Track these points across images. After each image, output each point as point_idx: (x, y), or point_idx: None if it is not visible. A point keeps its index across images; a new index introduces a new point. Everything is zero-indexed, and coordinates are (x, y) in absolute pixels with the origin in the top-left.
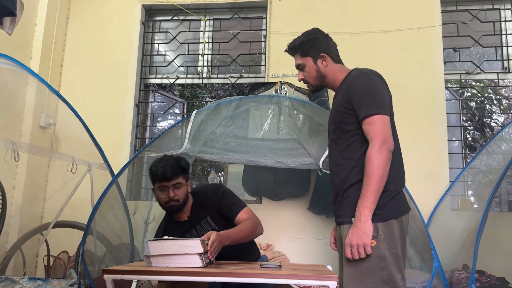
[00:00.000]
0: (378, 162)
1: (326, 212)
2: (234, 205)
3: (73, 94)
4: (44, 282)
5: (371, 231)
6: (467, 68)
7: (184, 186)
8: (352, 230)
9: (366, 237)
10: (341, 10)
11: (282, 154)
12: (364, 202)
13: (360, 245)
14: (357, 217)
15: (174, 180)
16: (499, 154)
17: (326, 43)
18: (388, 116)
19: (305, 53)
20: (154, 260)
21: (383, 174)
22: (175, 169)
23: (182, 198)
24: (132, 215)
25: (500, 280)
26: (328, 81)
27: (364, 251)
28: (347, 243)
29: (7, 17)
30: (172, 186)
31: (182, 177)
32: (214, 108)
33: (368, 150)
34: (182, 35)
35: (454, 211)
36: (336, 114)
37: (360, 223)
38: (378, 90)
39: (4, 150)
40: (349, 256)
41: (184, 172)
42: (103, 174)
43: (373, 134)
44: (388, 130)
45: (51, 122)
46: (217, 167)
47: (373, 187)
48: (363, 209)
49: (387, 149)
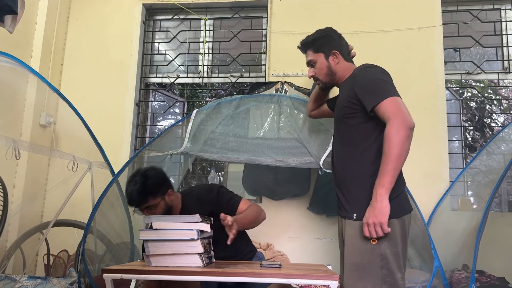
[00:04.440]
0: (395, 140)
1: (326, 212)
2: (232, 199)
3: (73, 93)
4: (44, 281)
5: (388, 209)
6: (468, 68)
7: (159, 204)
8: (369, 209)
9: (382, 216)
10: (341, 9)
11: (282, 153)
12: (381, 181)
13: (376, 223)
14: (373, 196)
15: (145, 204)
16: (499, 154)
17: (338, 41)
18: (400, 98)
19: (317, 50)
20: (154, 260)
21: (401, 152)
22: (142, 194)
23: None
24: (132, 214)
25: (500, 280)
26: (338, 78)
27: (381, 230)
28: (364, 222)
29: (8, 15)
30: (146, 209)
31: (152, 198)
32: (215, 107)
33: (386, 129)
34: (182, 34)
35: (454, 211)
36: (340, 108)
37: (376, 202)
38: (385, 79)
39: (5, 148)
40: (367, 234)
41: (154, 192)
42: (103, 173)
43: (389, 113)
44: (404, 108)
45: (51, 121)
46: (217, 166)
47: (389, 165)
48: (380, 188)
49: (406, 126)
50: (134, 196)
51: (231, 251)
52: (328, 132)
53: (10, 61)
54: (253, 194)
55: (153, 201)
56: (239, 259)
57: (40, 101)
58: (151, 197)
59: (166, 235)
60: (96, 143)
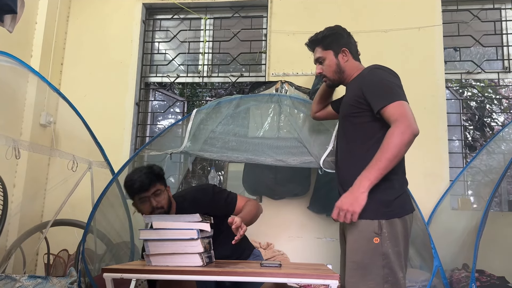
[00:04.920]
0: (396, 141)
1: (326, 211)
2: (229, 197)
3: (73, 92)
4: (44, 280)
5: (364, 202)
6: (468, 67)
7: (164, 191)
8: (347, 194)
9: (358, 206)
10: (341, 9)
11: (282, 152)
12: (369, 174)
13: (349, 211)
14: (355, 184)
15: (153, 188)
16: (499, 154)
17: (348, 39)
18: (407, 103)
19: (327, 47)
20: (154, 259)
21: (398, 154)
22: (151, 177)
23: (165, 204)
24: (133, 213)
25: (500, 280)
26: (346, 77)
27: (350, 218)
28: (337, 205)
29: (8, 15)
30: (153, 195)
31: (159, 183)
32: (215, 107)
33: (391, 129)
34: (182, 33)
35: (454, 211)
36: (346, 106)
37: (357, 192)
38: (394, 81)
39: (5, 148)
40: (335, 217)
41: (160, 178)
42: (103, 172)
43: (396, 116)
44: (411, 114)
45: (51, 120)
46: (217, 166)
47: (382, 163)
48: (365, 180)
49: (411, 132)
50: (143, 179)
51: (229, 250)
52: (328, 132)
53: (10, 60)
54: (253, 193)
55: (161, 185)
56: (236, 258)
57: (40, 101)
58: (158, 181)
59: (166, 235)
60: (96, 143)
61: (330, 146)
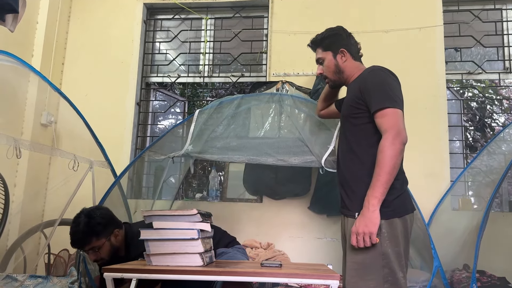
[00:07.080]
0: (390, 153)
1: (327, 211)
2: None
3: (74, 92)
4: (44, 280)
5: (378, 220)
6: (469, 68)
7: (105, 244)
8: (359, 218)
9: (373, 226)
10: (342, 9)
11: (283, 152)
12: (374, 192)
13: (366, 233)
14: (365, 206)
15: (88, 246)
16: (500, 154)
17: (347, 40)
18: (401, 110)
19: (326, 48)
20: (155, 259)
21: (394, 165)
22: (85, 237)
23: (106, 255)
24: (133, 213)
25: (501, 280)
26: (345, 77)
27: (369, 240)
28: (353, 231)
29: (9, 14)
30: (90, 251)
31: (96, 239)
32: (217, 106)
33: (381, 141)
34: (183, 33)
35: (455, 211)
36: (346, 107)
37: (368, 212)
38: (392, 84)
39: (6, 147)
40: (354, 243)
41: (98, 233)
42: (104, 172)
43: (386, 126)
44: (401, 123)
45: (52, 120)
46: (218, 166)
47: (383, 177)
48: (372, 199)
49: (401, 141)
50: (75, 240)
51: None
52: (329, 131)
53: (11, 60)
54: (253, 193)
55: (97, 241)
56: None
57: (41, 100)
58: (94, 237)
59: (166, 235)
60: (97, 142)
61: (332, 146)
